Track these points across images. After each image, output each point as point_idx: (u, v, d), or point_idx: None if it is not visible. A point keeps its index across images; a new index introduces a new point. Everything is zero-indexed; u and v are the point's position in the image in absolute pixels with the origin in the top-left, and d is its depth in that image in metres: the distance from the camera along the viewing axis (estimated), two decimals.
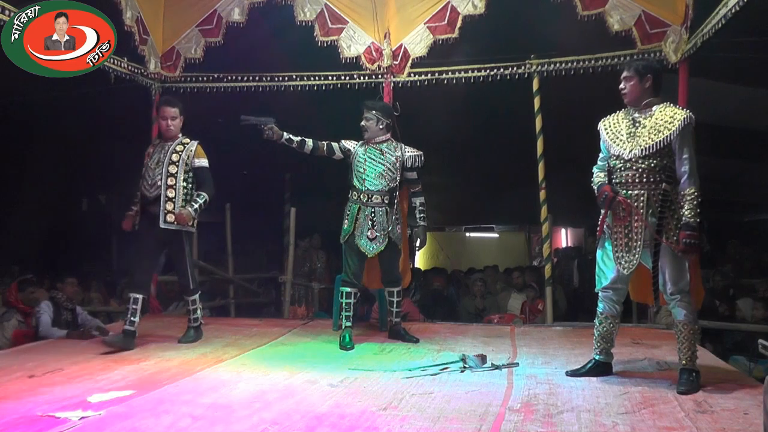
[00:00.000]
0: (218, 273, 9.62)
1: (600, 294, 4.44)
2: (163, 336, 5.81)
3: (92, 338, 5.89)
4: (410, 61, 6.93)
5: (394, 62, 6.94)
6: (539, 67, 6.85)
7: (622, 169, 4.21)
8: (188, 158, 5.47)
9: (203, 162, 5.54)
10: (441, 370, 4.56)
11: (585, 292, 9.20)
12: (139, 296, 5.39)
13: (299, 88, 7.37)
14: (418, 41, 6.86)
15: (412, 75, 6.99)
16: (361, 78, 7.11)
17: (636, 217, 4.13)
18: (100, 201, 12.92)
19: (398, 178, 5.71)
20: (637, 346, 5.49)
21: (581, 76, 6.79)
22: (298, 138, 5.58)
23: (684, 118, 4.05)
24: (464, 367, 4.59)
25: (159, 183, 5.38)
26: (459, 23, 6.65)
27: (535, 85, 6.88)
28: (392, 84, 6.98)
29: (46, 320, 6.35)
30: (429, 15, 6.78)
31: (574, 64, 6.75)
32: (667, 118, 4.10)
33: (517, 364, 4.73)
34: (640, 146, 4.12)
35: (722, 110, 7.76)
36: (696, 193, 4.02)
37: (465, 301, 9.23)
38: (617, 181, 4.25)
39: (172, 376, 4.42)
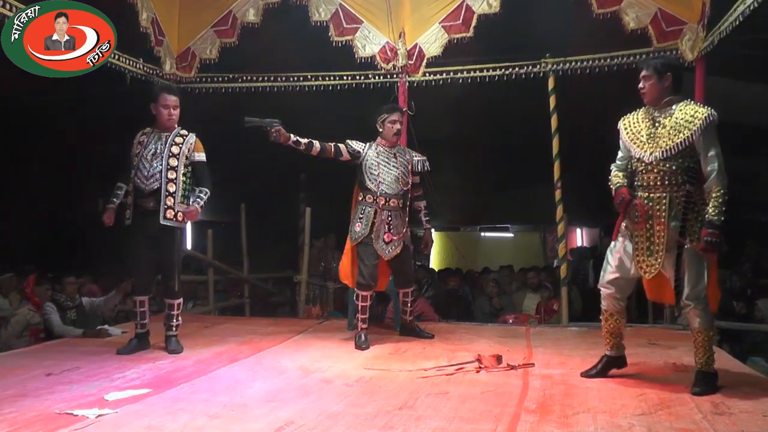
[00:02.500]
0: (233, 272, 9.64)
1: (601, 291, 4.38)
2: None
3: (108, 337, 5.93)
4: (425, 61, 6.93)
5: (409, 62, 6.94)
6: (554, 65, 6.82)
7: (644, 171, 4.13)
8: (188, 151, 5.23)
9: (202, 156, 5.31)
10: (456, 370, 4.55)
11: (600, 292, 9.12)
12: (144, 298, 5.35)
13: (314, 88, 7.38)
14: (432, 41, 6.86)
15: (427, 74, 6.98)
16: (376, 78, 7.11)
17: (657, 221, 4.06)
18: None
19: (410, 181, 5.72)
20: (653, 347, 5.46)
21: (597, 75, 6.75)
22: (306, 140, 5.49)
23: (705, 117, 3.94)
24: (479, 367, 4.58)
25: (159, 176, 5.11)
26: (474, 22, 6.65)
27: (551, 84, 6.85)
28: (407, 83, 6.98)
29: (57, 319, 6.39)
30: (444, 14, 6.78)
31: (590, 62, 6.72)
32: (687, 117, 4.00)
33: (533, 364, 4.71)
34: (661, 148, 4.04)
35: (739, 108, 7.69)
36: (722, 191, 3.92)
37: (480, 302, 9.21)
38: (639, 183, 4.16)
39: (187, 375, 4.43)
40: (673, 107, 4.10)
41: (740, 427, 3.28)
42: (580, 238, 16.16)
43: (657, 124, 4.12)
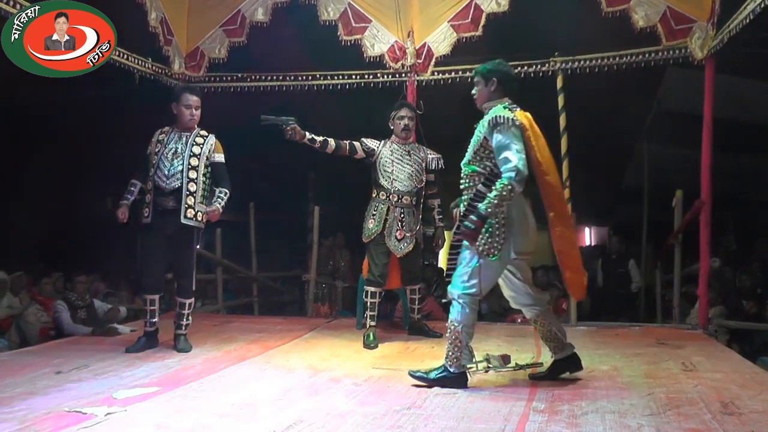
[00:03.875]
0: (242, 271, 9.67)
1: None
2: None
3: (117, 335, 5.96)
4: (434, 60, 6.92)
5: (418, 61, 6.94)
6: (563, 64, 6.79)
7: (461, 176, 4.24)
8: (209, 152, 5.26)
9: (222, 157, 5.33)
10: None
11: (609, 292, 9.12)
12: (155, 297, 5.35)
13: (323, 87, 7.38)
14: (441, 40, 6.85)
15: (435, 73, 6.98)
16: (385, 77, 7.10)
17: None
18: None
19: (424, 179, 5.74)
20: (662, 346, 5.44)
21: (605, 74, 6.73)
22: (321, 138, 5.55)
23: (491, 119, 3.99)
24: (488, 367, 4.57)
25: (180, 175, 5.14)
26: (482, 21, 6.64)
27: (559, 83, 6.82)
28: (416, 83, 6.97)
29: (67, 318, 6.43)
30: (453, 13, 6.77)
31: (599, 61, 6.69)
32: (484, 122, 4.08)
33: (541, 364, 4.70)
34: (467, 153, 4.16)
35: (749, 106, 7.65)
36: (502, 185, 3.86)
37: (488, 300, 9.18)
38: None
39: (196, 373, 4.45)
40: (488, 112, 4.14)
41: (750, 428, 3.26)
42: (588, 237, 16.11)
43: (476, 130, 4.20)
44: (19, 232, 9.94)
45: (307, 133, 5.45)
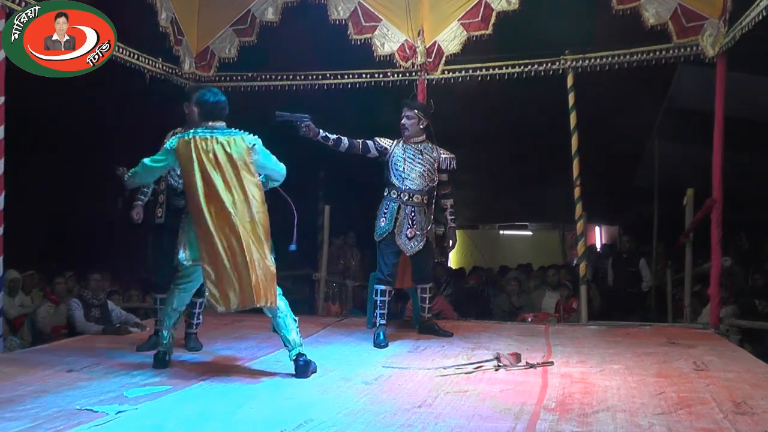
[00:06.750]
0: None
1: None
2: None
3: (128, 334, 5.98)
4: (444, 59, 6.91)
5: (428, 60, 6.94)
6: (574, 62, 6.76)
7: None
8: None
9: None
10: (475, 368, 4.54)
11: (620, 291, 9.09)
12: (165, 296, 5.39)
13: (333, 86, 7.39)
14: (451, 38, 6.85)
15: (445, 72, 6.97)
16: (395, 76, 7.10)
17: None
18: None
19: (436, 178, 5.73)
20: (673, 346, 5.42)
21: (616, 71, 6.71)
22: (334, 136, 5.55)
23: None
24: (499, 366, 4.57)
25: None
26: (493, 19, 6.63)
27: (570, 81, 6.80)
28: (426, 81, 6.97)
29: (80, 316, 6.46)
30: (463, 12, 6.76)
31: (609, 59, 6.66)
32: None
33: (552, 362, 4.69)
34: None
35: (762, 105, 7.60)
36: None
37: (499, 300, 9.18)
38: None
39: (206, 371, 4.46)
40: None
41: (763, 428, 3.24)
42: (598, 235, 16.08)
43: None
44: (30, 232, 9.99)
45: (321, 131, 5.46)
